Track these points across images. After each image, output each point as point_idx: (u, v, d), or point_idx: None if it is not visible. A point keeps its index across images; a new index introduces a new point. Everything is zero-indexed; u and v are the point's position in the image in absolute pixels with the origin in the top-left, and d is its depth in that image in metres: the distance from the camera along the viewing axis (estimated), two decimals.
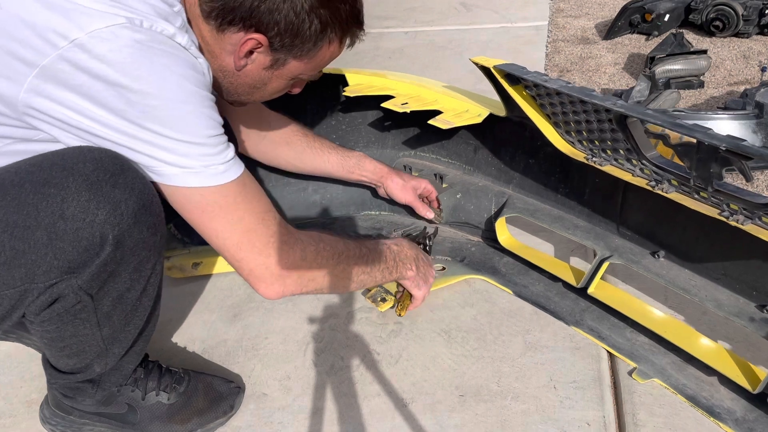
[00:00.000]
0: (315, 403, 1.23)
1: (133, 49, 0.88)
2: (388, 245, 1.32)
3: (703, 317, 1.33)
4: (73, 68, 0.86)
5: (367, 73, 1.60)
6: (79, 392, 1.11)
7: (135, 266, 0.96)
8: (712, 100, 2.31)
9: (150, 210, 0.94)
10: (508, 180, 1.60)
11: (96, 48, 0.86)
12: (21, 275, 0.87)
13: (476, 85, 1.62)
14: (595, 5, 3.39)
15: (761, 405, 1.13)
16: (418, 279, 1.36)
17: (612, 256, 1.34)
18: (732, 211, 1.09)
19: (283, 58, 1.06)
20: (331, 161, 1.54)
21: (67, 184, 0.86)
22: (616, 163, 1.28)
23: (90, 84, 0.87)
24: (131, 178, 0.91)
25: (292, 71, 1.10)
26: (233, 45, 1.03)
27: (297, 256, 1.07)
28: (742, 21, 2.72)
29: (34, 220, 0.85)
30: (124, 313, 1.01)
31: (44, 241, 0.86)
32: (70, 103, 0.89)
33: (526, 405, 1.18)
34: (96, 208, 0.87)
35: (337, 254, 1.16)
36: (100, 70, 0.87)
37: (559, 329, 1.34)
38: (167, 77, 0.91)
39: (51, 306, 0.92)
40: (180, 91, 0.92)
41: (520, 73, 1.28)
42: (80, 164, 0.88)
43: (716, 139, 1.02)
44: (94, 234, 0.88)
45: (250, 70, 1.07)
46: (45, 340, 1.00)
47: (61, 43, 0.86)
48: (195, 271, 1.56)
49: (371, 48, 2.97)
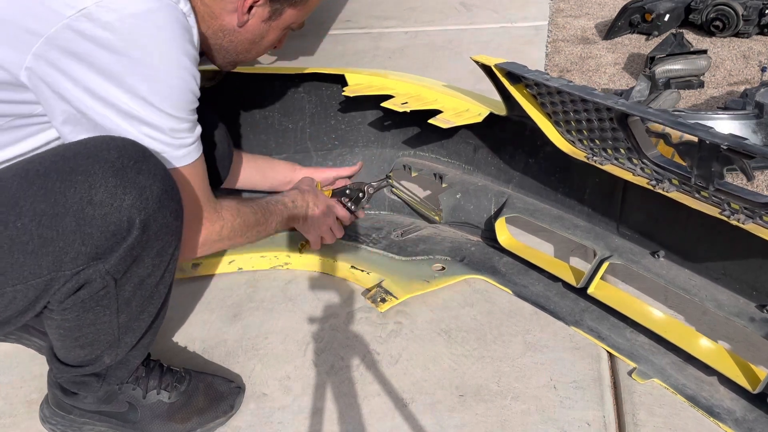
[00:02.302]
0: (315, 403, 1.23)
1: (138, 19, 0.92)
2: (285, 203, 1.42)
3: (703, 317, 1.33)
4: (78, 36, 0.90)
5: (367, 73, 1.60)
6: (84, 387, 1.11)
7: (158, 251, 0.98)
8: (712, 100, 2.31)
9: (172, 195, 0.97)
10: (507, 180, 1.60)
11: (103, 17, 0.90)
12: (48, 264, 0.88)
13: (476, 85, 1.62)
14: (595, 5, 3.39)
15: (761, 405, 1.13)
16: (308, 226, 1.49)
17: (612, 256, 1.34)
18: (733, 211, 1.09)
19: (280, 7, 1.14)
20: (250, 167, 1.55)
21: (94, 170, 0.88)
22: (617, 162, 1.28)
23: (94, 52, 0.92)
24: (154, 165, 0.94)
25: (287, 20, 1.18)
26: (234, 3, 1.09)
27: (216, 232, 1.17)
28: (742, 21, 2.71)
29: (63, 207, 0.86)
30: (142, 299, 1.02)
31: (72, 228, 0.87)
32: (72, 72, 0.93)
33: (526, 405, 1.18)
34: (123, 193, 0.89)
35: (246, 227, 1.25)
36: (105, 38, 0.91)
37: (559, 329, 1.34)
38: (168, 50, 0.96)
39: (76, 293, 0.93)
40: (178, 64, 0.98)
41: (521, 71, 1.28)
42: (104, 152, 0.90)
43: (718, 138, 1.02)
44: (122, 219, 0.89)
45: (251, 24, 1.14)
46: (62, 330, 1.00)
47: (68, 12, 0.90)
48: (195, 271, 1.56)
49: (371, 48, 2.97)
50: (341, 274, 1.54)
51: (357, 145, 1.77)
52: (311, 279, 1.55)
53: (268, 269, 1.59)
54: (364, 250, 1.60)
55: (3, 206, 0.86)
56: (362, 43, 3.03)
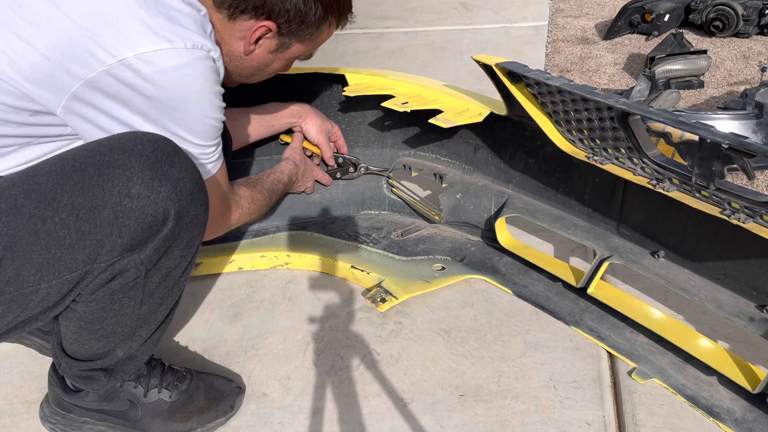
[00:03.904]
0: (315, 403, 1.23)
1: (174, 72, 0.98)
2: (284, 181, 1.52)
3: (702, 317, 1.33)
4: (117, 82, 0.96)
5: (367, 73, 1.60)
6: (90, 382, 1.11)
7: (187, 242, 1.00)
8: (712, 100, 2.31)
9: (202, 188, 0.99)
10: (507, 180, 1.60)
11: (142, 69, 0.96)
12: (84, 257, 0.89)
13: (476, 85, 1.62)
14: (595, 5, 3.39)
15: (761, 405, 1.13)
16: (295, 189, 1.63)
17: (612, 256, 1.34)
18: (733, 210, 1.09)
19: (288, 42, 1.18)
20: (252, 124, 1.58)
21: (131, 164, 0.90)
22: (617, 161, 1.28)
23: (131, 96, 0.98)
24: (185, 159, 0.97)
25: (294, 53, 1.22)
26: (243, 32, 1.12)
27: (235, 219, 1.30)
28: (742, 21, 2.72)
29: (101, 200, 0.88)
30: (165, 290, 1.04)
31: (110, 220, 0.89)
32: (109, 109, 0.99)
33: (526, 405, 1.18)
34: (159, 185, 0.91)
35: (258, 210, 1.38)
36: (142, 86, 0.97)
37: (559, 329, 1.34)
38: (201, 98, 1.03)
39: (108, 283, 0.94)
40: (209, 107, 1.05)
41: (522, 70, 1.28)
42: (139, 146, 0.92)
43: (719, 136, 1.02)
44: (158, 210, 0.91)
45: (257, 54, 1.18)
46: (82, 322, 1.00)
47: (108, 60, 0.95)
48: (195, 271, 1.56)
49: (371, 48, 2.97)
50: (341, 274, 1.54)
51: (357, 145, 1.77)
52: (311, 279, 1.55)
53: (268, 269, 1.59)
54: (364, 249, 1.60)
55: (40, 202, 0.87)
56: (362, 43, 3.03)
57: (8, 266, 0.86)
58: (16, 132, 0.99)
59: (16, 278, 0.87)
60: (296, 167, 1.58)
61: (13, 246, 0.86)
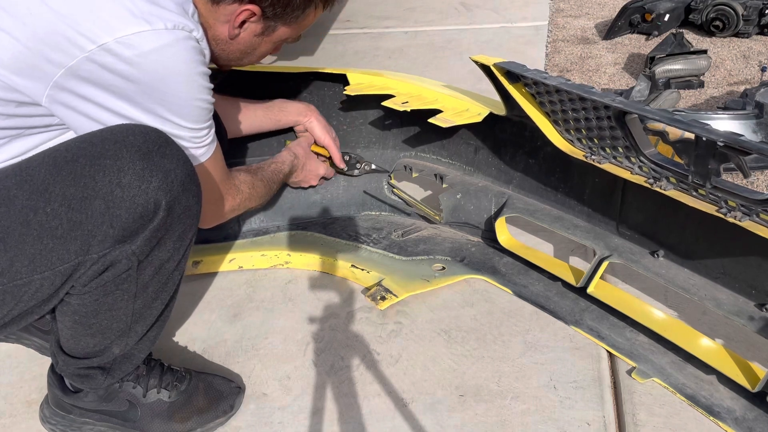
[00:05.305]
0: (315, 403, 1.23)
1: (156, 54, 0.96)
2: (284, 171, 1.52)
3: (702, 316, 1.33)
4: (99, 68, 0.95)
5: (368, 73, 1.60)
6: (88, 381, 1.11)
7: (179, 234, 1.00)
8: (712, 100, 2.31)
9: (193, 179, 0.99)
10: (508, 180, 1.60)
11: (123, 53, 0.94)
12: (76, 248, 0.90)
13: (476, 85, 1.62)
14: (595, 5, 3.39)
15: (760, 404, 1.13)
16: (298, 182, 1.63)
17: (611, 256, 1.34)
18: (730, 208, 1.09)
19: (273, 25, 1.16)
20: (258, 116, 1.58)
21: (122, 155, 0.91)
22: (615, 161, 1.28)
23: (114, 81, 0.96)
24: (176, 150, 0.97)
25: (280, 36, 1.21)
26: (227, 16, 1.10)
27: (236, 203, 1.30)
28: (742, 21, 2.71)
29: (92, 191, 0.89)
30: (159, 284, 1.04)
31: (102, 210, 0.89)
32: (93, 97, 0.97)
33: (526, 405, 1.19)
34: (150, 175, 0.91)
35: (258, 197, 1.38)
36: (125, 70, 0.95)
37: (559, 329, 1.34)
38: (185, 79, 1.01)
39: (101, 275, 0.94)
40: (195, 89, 1.04)
41: (520, 70, 1.28)
42: (130, 137, 0.93)
43: (714, 134, 1.02)
44: (149, 200, 0.92)
45: (243, 38, 1.16)
46: (77, 316, 1.00)
47: (89, 46, 0.93)
48: (195, 269, 1.56)
49: (371, 48, 2.97)
50: (341, 274, 1.55)
51: (359, 146, 1.77)
52: (311, 278, 1.55)
53: (268, 268, 1.59)
54: (364, 249, 1.60)
55: (32, 193, 0.88)
56: (362, 43, 3.03)
57: (1, 257, 0.87)
58: (5, 124, 0.98)
59: (9, 269, 0.88)
60: (296, 158, 1.58)
61: (6, 237, 0.87)
